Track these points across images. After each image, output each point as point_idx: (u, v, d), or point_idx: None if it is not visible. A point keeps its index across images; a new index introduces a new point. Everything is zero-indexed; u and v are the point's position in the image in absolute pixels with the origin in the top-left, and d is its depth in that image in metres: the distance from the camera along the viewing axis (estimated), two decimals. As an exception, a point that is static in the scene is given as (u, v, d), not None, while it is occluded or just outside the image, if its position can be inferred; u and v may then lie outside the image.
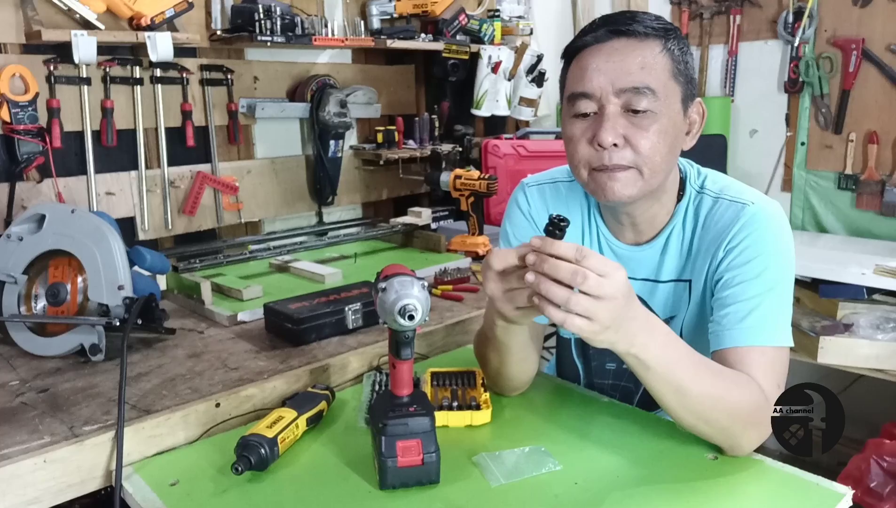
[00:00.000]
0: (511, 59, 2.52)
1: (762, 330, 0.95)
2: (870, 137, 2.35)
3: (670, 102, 0.95)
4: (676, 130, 0.97)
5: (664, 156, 0.96)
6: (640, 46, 0.94)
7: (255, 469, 0.93)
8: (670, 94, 0.95)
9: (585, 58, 0.96)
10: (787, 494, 0.87)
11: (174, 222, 1.96)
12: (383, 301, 0.86)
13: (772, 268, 0.97)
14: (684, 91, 0.97)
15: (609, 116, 0.93)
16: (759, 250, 0.98)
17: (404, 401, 0.92)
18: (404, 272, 0.90)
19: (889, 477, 1.85)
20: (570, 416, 1.10)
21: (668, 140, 0.95)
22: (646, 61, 0.93)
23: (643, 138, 0.93)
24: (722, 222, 1.02)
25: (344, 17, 2.24)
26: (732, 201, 1.03)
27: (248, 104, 2.09)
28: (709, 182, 1.08)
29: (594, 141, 0.95)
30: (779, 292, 0.97)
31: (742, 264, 0.98)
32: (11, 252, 1.35)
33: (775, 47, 2.56)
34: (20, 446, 0.96)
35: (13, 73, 1.64)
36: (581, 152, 0.98)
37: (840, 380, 2.19)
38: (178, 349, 1.35)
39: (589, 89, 0.95)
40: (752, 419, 0.91)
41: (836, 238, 2.43)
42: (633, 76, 0.92)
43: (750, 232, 0.99)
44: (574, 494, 0.88)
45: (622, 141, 0.94)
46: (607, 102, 0.94)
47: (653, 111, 0.93)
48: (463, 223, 2.14)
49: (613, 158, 0.94)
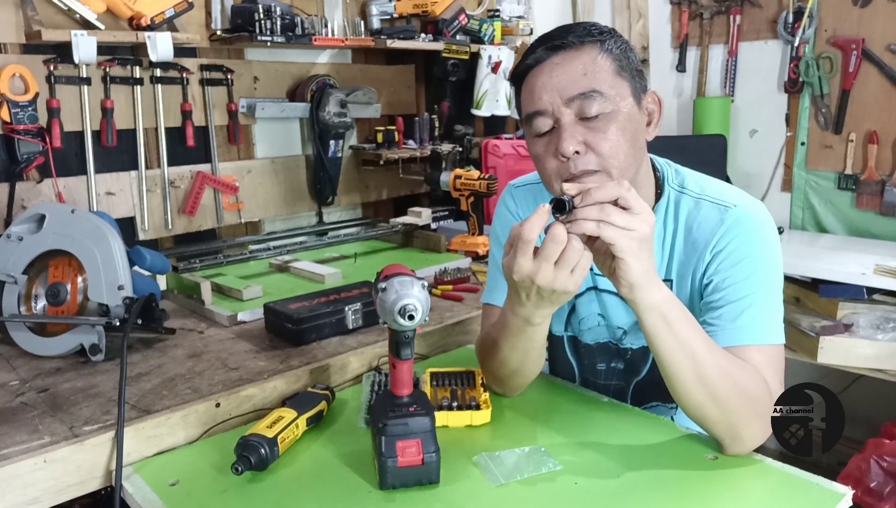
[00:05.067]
0: (511, 60, 2.51)
1: (757, 328, 0.97)
2: (870, 137, 2.35)
3: (621, 99, 0.97)
4: (634, 124, 0.99)
5: (627, 152, 0.97)
6: (579, 55, 0.96)
7: (255, 469, 0.93)
8: (620, 91, 0.97)
9: (531, 80, 0.99)
10: (787, 494, 0.87)
11: (174, 222, 1.96)
12: (383, 301, 0.86)
13: (760, 269, 0.99)
14: (633, 86, 0.99)
15: (566, 127, 0.95)
16: (746, 253, 0.99)
17: (404, 401, 0.92)
18: (404, 272, 0.90)
19: (889, 477, 1.86)
20: (571, 416, 1.10)
21: (628, 136, 0.97)
22: (587, 67, 0.95)
23: (603, 141, 0.95)
24: (706, 224, 1.03)
25: (344, 17, 2.24)
26: (715, 203, 1.04)
27: (248, 104, 2.09)
28: (688, 182, 1.08)
29: (557, 154, 0.96)
30: (769, 291, 0.99)
31: (730, 267, 0.99)
32: (11, 252, 1.35)
33: (775, 47, 2.56)
34: (20, 446, 0.96)
35: (13, 73, 1.64)
36: (549, 167, 0.99)
37: (840, 380, 2.19)
38: (178, 349, 1.35)
39: (540, 106, 0.97)
40: (757, 408, 0.92)
41: (836, 238, 2.44)
42: (578, 83, 0.95)
43: (736, 235, 1.00)
44: (574, 494, 0.88)
45: (583, 148, 0.95)
46: (560, 114, 0.96)
47: (605, 112, 0.95)
48: (463, 223, 2.14)
49: (579, 165, 0.96)
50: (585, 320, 1.18)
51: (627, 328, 1.14)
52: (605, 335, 1.17)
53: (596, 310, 1.16)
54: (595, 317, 1.17)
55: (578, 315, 1.18)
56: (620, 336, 1.15)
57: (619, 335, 1.15)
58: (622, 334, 1.15)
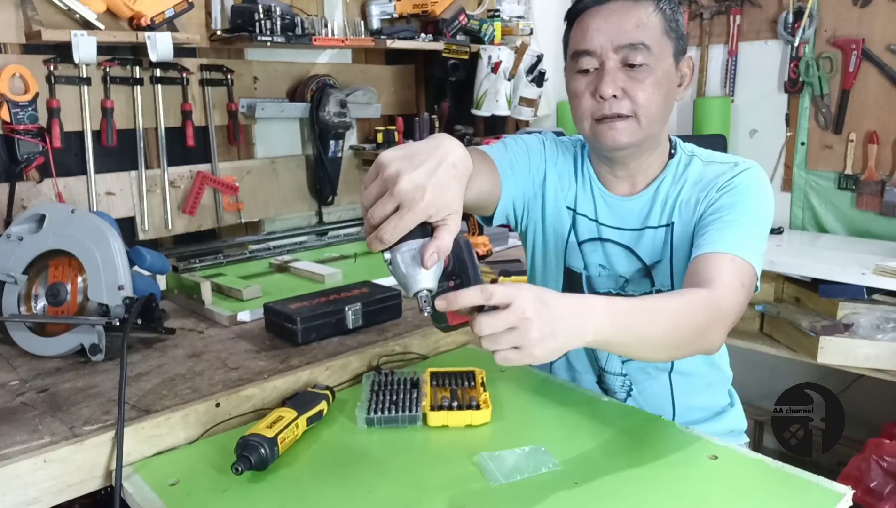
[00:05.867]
0: (511, 59, 2.51)
1: (736, 243, 1.00)
2: (870, 137, 2.35)
3: (663, 57, 1.05)
4: (670, 82, 1.07)
5: (659, 106, 1.06)
6: (636, 7, 1.04)
7: (255, 469, 0.93)
8: (663, 49, 1.05)
9: (586, 19, 1.06)
10: (787, 494, 0.87)
11: (174, 222, 1.96)
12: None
13: (754, 207, 1.05)
14: (675, 46, 1.07)
15: (609, 71, 1.04)
16: (744, 193, 1.06)
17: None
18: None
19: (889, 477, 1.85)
20: (570, 416, 1.10)
21: (663, 91, 1.06)
22: (640, 20, 1.03)
23: (640, 90, 1.04)
24: (713, 173, 1.11)
25: (344, 17, 2.24)
26: (723, 164, 1.13)
27: (248, 104, 2.09)
28: (697, 151, 1.18)
29: (596, 94, 1.05)
30: (757, 224, 1.05)
31: (728, 198, 1.06)
32: (11, 252, 1.35)
33: (775, 47, 2.56)
34: (20, 446, 0.96)
35: (13, 73, 1.64)
36: (584, 105, 1.08)
37: (840, 380, 2.19)
38: (178, 349, 1.35)
39: (590, 47, 1.05)
40: (711, 318, 0.92)
41: (836, 238, 2.44)
42: (630, 34, 1.03)
43: (742, 181, 1.08)
44: (574, 494, 0.88)
45: (621, 93, 1.04)
46: (607, 58, 1.04)
47: (648, 65, 1.03)
48: (463, 223, 2.14)
49: (613, 107, 1.04)
50: (590, 268, 1.20)
51: (629, 276, 1.17)
52: (606, 285, 1.20)
53: (598, 260, 1.19)
54: (596, 267, 1.19)
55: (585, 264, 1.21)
56: (623, 285, 1.18)
57: (622, 283, 1.18)
58: (624, 282, 1.18)
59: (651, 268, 1.15)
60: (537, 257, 1.27)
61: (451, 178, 0.73)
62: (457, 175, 0.74)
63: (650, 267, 1.15)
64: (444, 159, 0.73)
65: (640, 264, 1.16)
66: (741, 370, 1.46)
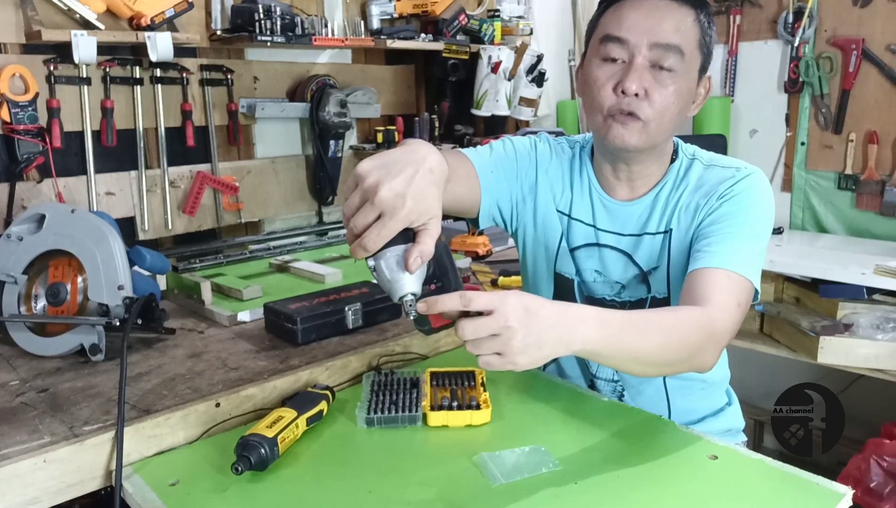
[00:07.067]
0: (511, 59, 2.51)
1: (734, 258, 0.99)
2: (870, 137, 2.35)
3: (691, 68, 1.04)
4: (689, 95, 1.07)
5: (672, 116, 1.04)
6: (679, 11, 1.02)
7: (255, 469, 0.93)
8: (693, 60, 1.04)
9: (626, 9, 1.03)
10: (787, 494, 0.87)
11: (174, 222, 1.96)
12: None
13: (754, 219, 1.04)
14: (703, 62, 1.07)
15: (637, 67, 1.01)
16: (744, 203, 1.05)
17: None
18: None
19: (889, 477, 1.85)
20: (571, 416, 1.10)
21: (680, 103, 1.05)
22: (680, 25, 1.01)
23: (661, 94, 1.02)
24: (714, 179, 1.10)
25: (344, 17, 2.24)
26: (725, 168, 1.11)
27: (248, 104, 2.09)
28: (699, 153, 1.17)
29: (619, 87, 1.02)
30: (756, 236, 1.04)
31: (728, 208, 1.05)
32: (11, 252, 1.35)
33: (775, 47, 2.56)
34: (20, 446, 0.96)
35: (13, 73, 1.64)
36: (603, 96, 1.04)
37: (840, 380, 2.19)
38: (178, 349, 1.35)
39: (625, 37, 1.01)
40: (704, 339, 0.91)
41: (836, 238, 2.44)
42: (668, 35, 1.00)
43: (743, 188, 1.06)
44: (574, 494, 0.88)
45: (643, 92, 1.01)
46: (639, 53, 1.01)
47: (676, 71, 1.02)
48: (463, 223, 2.14)
49: (632, 105, 1.02)
50: (583, 274, 1.19)
51: (625, 282, 1.16)
52: (602, 291, 1.19)
53: (593, 266, 1.18)
54: (591, 273, 1.19)
55: (578, 270, 1.20)
56: (619, 291, 1.17)
57: (617, 289, 1.17)
58: (620, 288, 1.17)
59: (648, 274, 1.14)
60: (528, 261, 1.26)
61: (429, 183, 0.74)
62: (434, 180, 0.75)
63: (647, 273, 1.14)
64: (420, 165, 0.73)
65: (637, 270, 1.15)
66: (741, 370, 1.46)
